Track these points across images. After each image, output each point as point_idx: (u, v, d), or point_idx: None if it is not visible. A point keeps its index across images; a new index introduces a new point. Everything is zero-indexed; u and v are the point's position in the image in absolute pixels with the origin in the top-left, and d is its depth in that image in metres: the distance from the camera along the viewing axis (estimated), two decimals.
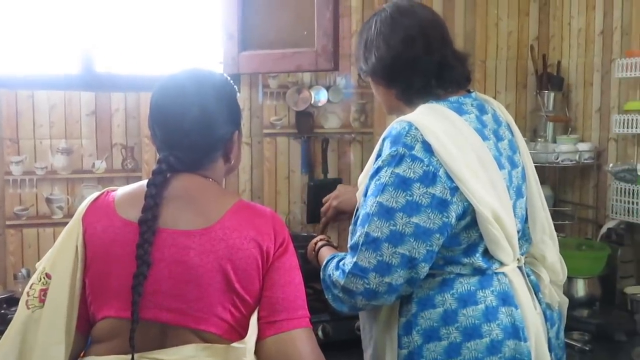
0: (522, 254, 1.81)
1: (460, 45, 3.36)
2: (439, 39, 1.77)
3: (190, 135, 1.55)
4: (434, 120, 1.66)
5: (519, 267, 1.79)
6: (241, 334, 1.50)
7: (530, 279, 1.81)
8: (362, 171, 1.79)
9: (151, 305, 1.47)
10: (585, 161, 3.16)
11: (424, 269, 1.63)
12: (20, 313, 1.55)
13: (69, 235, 1.57)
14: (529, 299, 1.75)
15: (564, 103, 3.37)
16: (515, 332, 1.68)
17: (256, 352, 1.50)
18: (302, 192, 3.15)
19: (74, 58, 2.89)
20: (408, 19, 1.76)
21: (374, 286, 1.61)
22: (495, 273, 1.72)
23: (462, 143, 1.65)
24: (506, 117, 1.87)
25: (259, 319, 1.51)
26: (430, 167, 1.61)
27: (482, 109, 1.78)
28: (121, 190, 1.61)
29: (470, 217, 1.65)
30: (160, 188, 1.51)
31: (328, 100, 3.18)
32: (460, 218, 1.64)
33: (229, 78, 1.68)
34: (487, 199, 1.63)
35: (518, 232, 1.75)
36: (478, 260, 1.69)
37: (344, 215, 2.11)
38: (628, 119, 2.85)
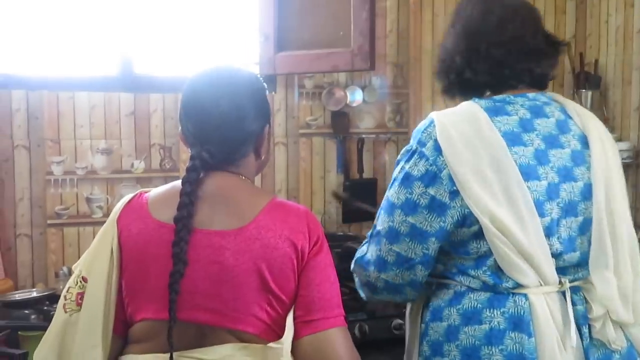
0: (573, 279, 1.60)
1: None
2: (531, 26, 1.68)
3: (222, 128, 1.55)
4: (456, 119, 1.60)
5: (562, 292, 1.57)
6: (278, 333, 1.49)
7: (576, 309, 1.57)
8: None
9: (188, 306, 1.46)
10: (624, 161, 3.11)
11: (422, 272, 1.60)
12: (58, 317, 1.56)
13: (104, 238, 1.57)
14: (554, 330, 1.53)
15: (601, 102, 3.33)
16: None
17: (292, 352, 1.49)
18: (338, 192, 3.16)
19: (114, 60, 2.94)
20: (500, 5, 1.68)
21: (373, 280, 1.63)
22: (513, 293, 1.55)
23: (477, 146, 1.54)
24: (585, 125, 1.65)
25: (294, 318, 1.51)
26: (434, 166, 1.56)
27: (537, 112, 1.62)
28: (154, 192, 1.60)
29: (478, 226, 1.54)
30: (195, 185, 1.51)
31: (363, 100, 3.18)
32: (461, 224, 1.55)
33: (258, 75, 1.68)
34: (492, 208, 1.51)
35: (559, 253, 1.56)
36: (485, 274, 1.56)
37: None
38: None
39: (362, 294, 1.75)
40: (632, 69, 3.17)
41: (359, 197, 3.11)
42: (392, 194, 1.61)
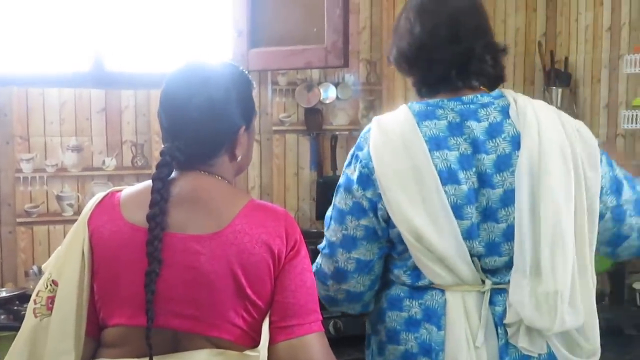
0: (499, 282, 1.61)
1: None
2: (470, 28, 1.63)
3: (194, 124, 1.50)
4: (388, 124, 1.62)
5: (482, 292, 1.60)
6: (254, 338, 1.47)
7: (495, 309, 1.60)
8: None
9: (163, 312, 1.43)
10: None
11: (379, 266, 1.67)
12: (29, 321, 1.51)
13: (74, 240, 1.52)
14: (464, 326, 1.58)
15: (571, 99, 3.37)
16: (428, 352, 1.60)
17: (268, 357, 1.46)
18: (311, 188, 3.16)
19: (85, 56, 2.91)
20: (438, 5, 1.65)
21: (333, 293, 1.70)
22: (432, 288, 1.61)
23: (399, 152, 1.58)
24: (526, 122, 1.60)
25: (270, 323, 1.48)
26: (366, 169, 1.60)
27: (469, 116, 1.60)
28: (127, 192, 1.55)
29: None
30: (166, 182, 1.47)
31: (337, 97, 3.19)
32: (387, 224, 1.61)
33: (246, 72, 1.63)
34: (409, 215, 1.55)
35: (480, 256, 1.59)
36: (405, 274, 1.64)
37: None
38: (636, 115, 2.85)
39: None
40: (601, 67, 3.21)
41: (332, 194, 3.11)
42: (339, 201, 1.66)
